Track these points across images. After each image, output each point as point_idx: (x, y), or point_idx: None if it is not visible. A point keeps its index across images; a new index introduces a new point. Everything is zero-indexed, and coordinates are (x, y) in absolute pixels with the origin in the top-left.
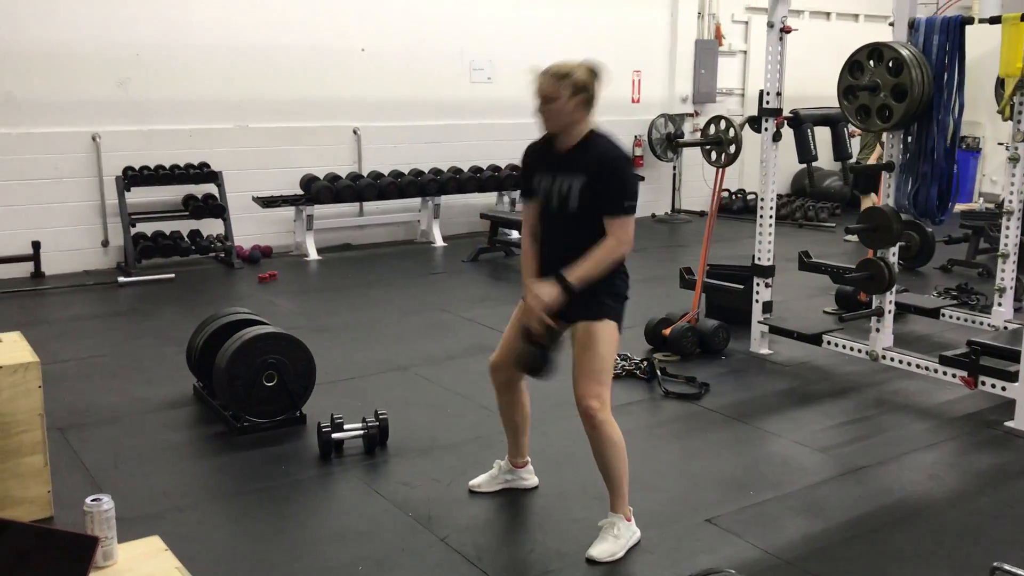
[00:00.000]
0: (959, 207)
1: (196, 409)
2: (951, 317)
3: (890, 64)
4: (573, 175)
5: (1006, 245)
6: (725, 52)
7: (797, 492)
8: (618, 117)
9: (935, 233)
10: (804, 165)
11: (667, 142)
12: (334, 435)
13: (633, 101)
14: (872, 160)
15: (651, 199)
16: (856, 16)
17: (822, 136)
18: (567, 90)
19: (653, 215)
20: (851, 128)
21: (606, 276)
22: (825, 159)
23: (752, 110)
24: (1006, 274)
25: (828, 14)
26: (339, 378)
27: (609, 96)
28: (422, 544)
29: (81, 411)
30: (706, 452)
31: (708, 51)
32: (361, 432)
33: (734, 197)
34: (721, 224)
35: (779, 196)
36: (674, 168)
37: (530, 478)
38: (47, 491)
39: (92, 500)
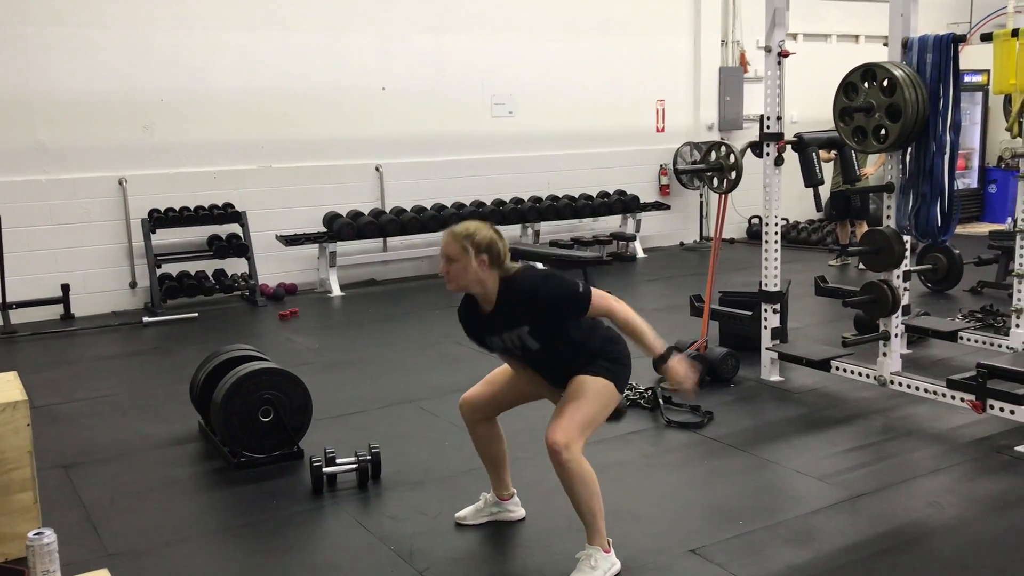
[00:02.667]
0: (991, 228)
1: (199, 445)
2: (969, 340)
3: (884, 84)
4: (513, 328)
5: (1022, 265)
6: (751, 78)
7: (789, 521)
8: (643, 147)
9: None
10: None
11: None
12: (326, 469)
13: (658, 130)
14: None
15: (679, 227)
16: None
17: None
18: (470, 250)
19: (681, 243)
20: (821, 153)
21: (601, 347)
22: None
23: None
24: (1023, 294)
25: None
26: (343, 412)
27: (634, 126)
28: None
29: (87, 449)
30: (701, 482)
31: (733, 78)
32: (353, 466)
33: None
34: (750, 251)
35: (811, 222)
36: (701, 196)
37: (516, 510)
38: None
39: (34, 534)
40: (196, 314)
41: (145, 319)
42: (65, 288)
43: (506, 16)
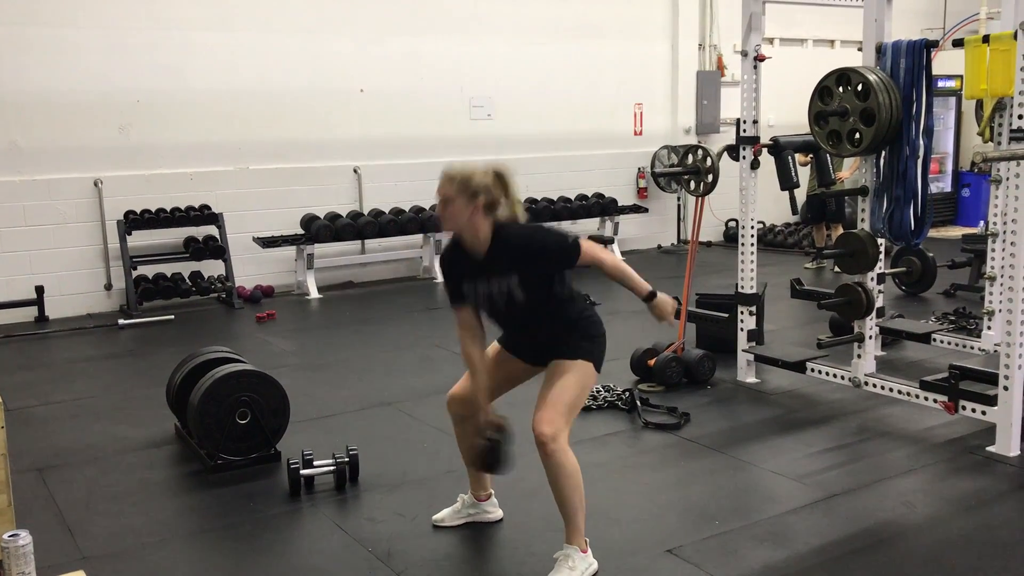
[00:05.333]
0: (964, 231)
1: (175, 448)
2: (942, 342)
3: (858, 88)
4: (503, 276)
5: (993, 267)
6: (728, 82)
7: (764, 521)
8: (621, 150)
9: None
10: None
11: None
12: (303, 471)
13: (636, 134)
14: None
15: (657, 230)
16: None
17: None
18: (464, 194)
19: (659, 246)
20: (798, 156)
21: (576, 321)
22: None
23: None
24: (995, 297)
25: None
26: (321, 415)
27: (611, 129)
28: None
29: (62, 452)
30: (677, 483)
31: (710, 82)
32: (331, 468)
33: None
34: (726, 253)
35: (787, 225)
36: (678, 199)
37: (494, 511)
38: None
39: (9, 536)
40: (172, 316)
41: (121, 321)
42: (39, 290)
43: (484, 19)
